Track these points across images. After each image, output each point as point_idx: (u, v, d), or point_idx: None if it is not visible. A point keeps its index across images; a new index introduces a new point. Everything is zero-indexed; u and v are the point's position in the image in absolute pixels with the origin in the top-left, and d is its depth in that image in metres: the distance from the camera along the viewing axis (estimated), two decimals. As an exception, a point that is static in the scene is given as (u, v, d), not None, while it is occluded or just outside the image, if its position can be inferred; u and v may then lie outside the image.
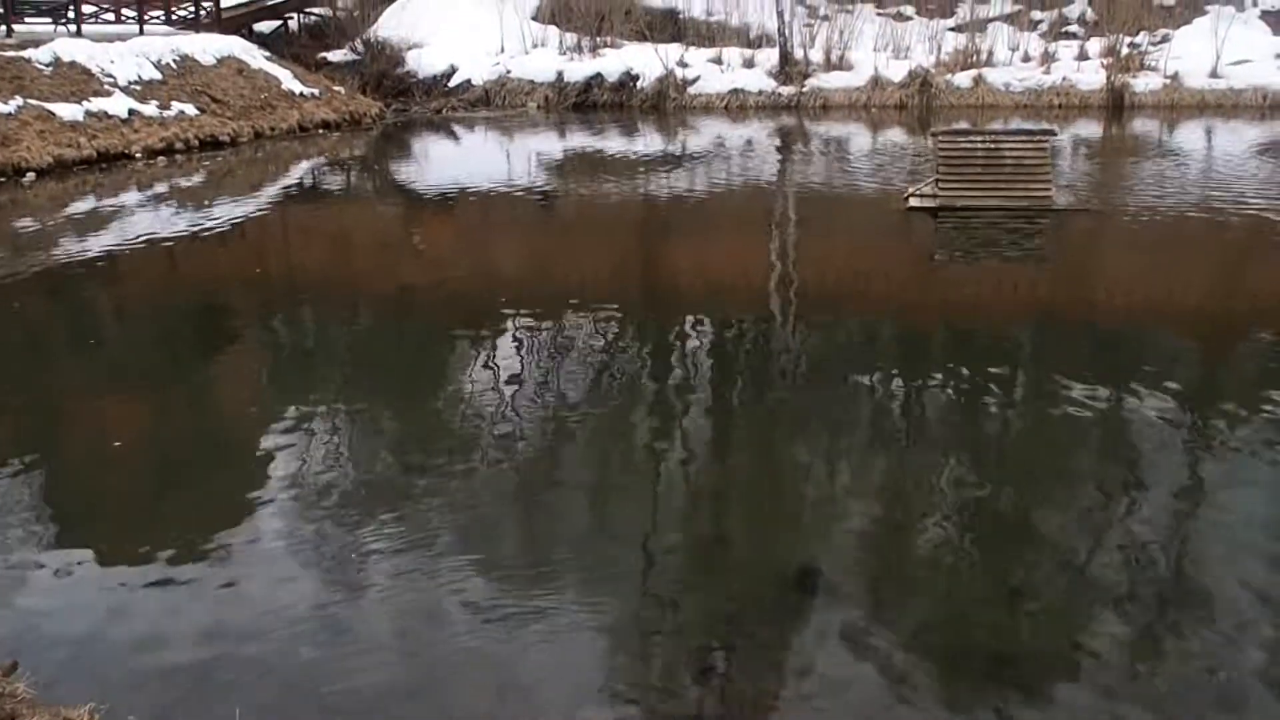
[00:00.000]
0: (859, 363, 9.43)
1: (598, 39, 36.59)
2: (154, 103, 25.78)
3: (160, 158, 23.95)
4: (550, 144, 27.23)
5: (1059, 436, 7.75)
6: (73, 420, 8.83)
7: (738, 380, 9.16)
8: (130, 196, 19.83)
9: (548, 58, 36.13)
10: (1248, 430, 7.68)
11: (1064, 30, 34.57)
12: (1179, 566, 5.91)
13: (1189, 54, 31.37)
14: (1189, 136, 25.29)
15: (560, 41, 36.78)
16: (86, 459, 7.90)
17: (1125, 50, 32.04)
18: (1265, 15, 33.46)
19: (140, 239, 15.91)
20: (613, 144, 26.33)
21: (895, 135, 26.97)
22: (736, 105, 33.12)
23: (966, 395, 8.55)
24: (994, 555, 6.12)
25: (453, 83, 36.05)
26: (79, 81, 24.83)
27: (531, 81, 35.37)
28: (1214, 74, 30.65)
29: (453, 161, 25.85)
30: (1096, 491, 6.86)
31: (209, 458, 7.80)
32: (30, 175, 20.92)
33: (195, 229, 16.67)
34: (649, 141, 26.65)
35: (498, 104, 34.96)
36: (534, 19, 37.83)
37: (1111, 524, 6.39)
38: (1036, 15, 35.30)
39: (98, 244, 15.51)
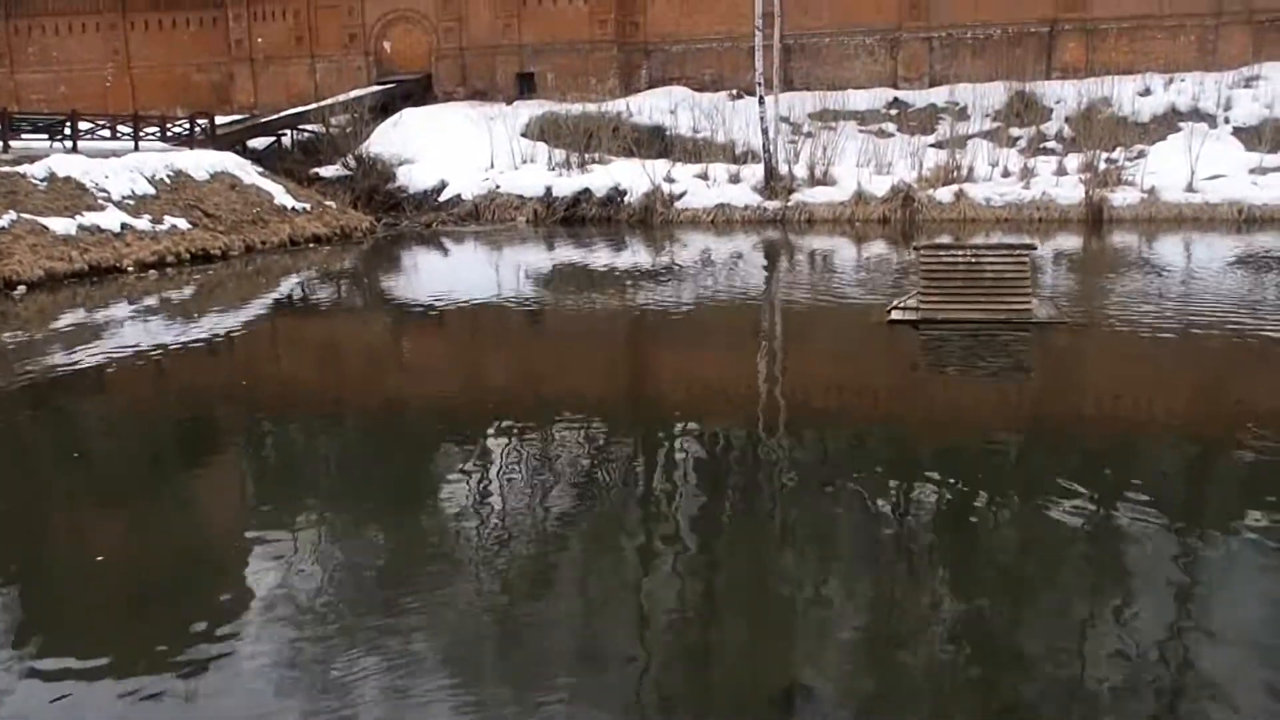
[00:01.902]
0: (844, 476, 9.44)
1: (586, 155, 37.27)
2: (146, 217, 26.11)
3: (152, 271, 24.19)
4: (539, 258, 27.55)
5: (1045, 552, 7.75)
6: (55, 534, 8.79)
7: (723, 493, 9.17)
8: (120, 309, 19.96)
9: (537, 173, 36.75)
10: (1235, 546, 7.69)
11: (1042, 146, 35.30)
12: (1172, 684, 5.88)
13: (1165, 169, 32.05)
14: (1167, 250, 25.69)
15: (549, 157, 37.46)
16: (68, 573, 7.84)
17: (1103, 166, 32.72)
18: (1237, 131, 34.25)
19: (128, 352, 15.98)
20: (600, 258, 26.64)
21: (879, 249, 27.36)
22: (723, 219, 33.62)
23: (951, 510, 8.57)
24: (982, 673, 6.09)
25: (443, 197, 36.60)
26: (73, 196, 25.18)
27: (520, 196, 35.92)
28: (1190, 188, 31.26)
29: (442, 275, 26.11)
30: (1086, 609, 6.83)
31: (191, 573, 7.75)
32: (21, 288, 21.08)
33: (183, 342, 16.76)
34: (636, 255, 26.97)
35: (487, 218, 35.44)
36: (523, 135, 38.59)
37: (1102, 642, 6.36)
38: (1015, 132, 36.07)
39: (85, 357, 15.57)
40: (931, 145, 36.00)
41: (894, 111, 38.58)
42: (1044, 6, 38.74)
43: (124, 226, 25.17)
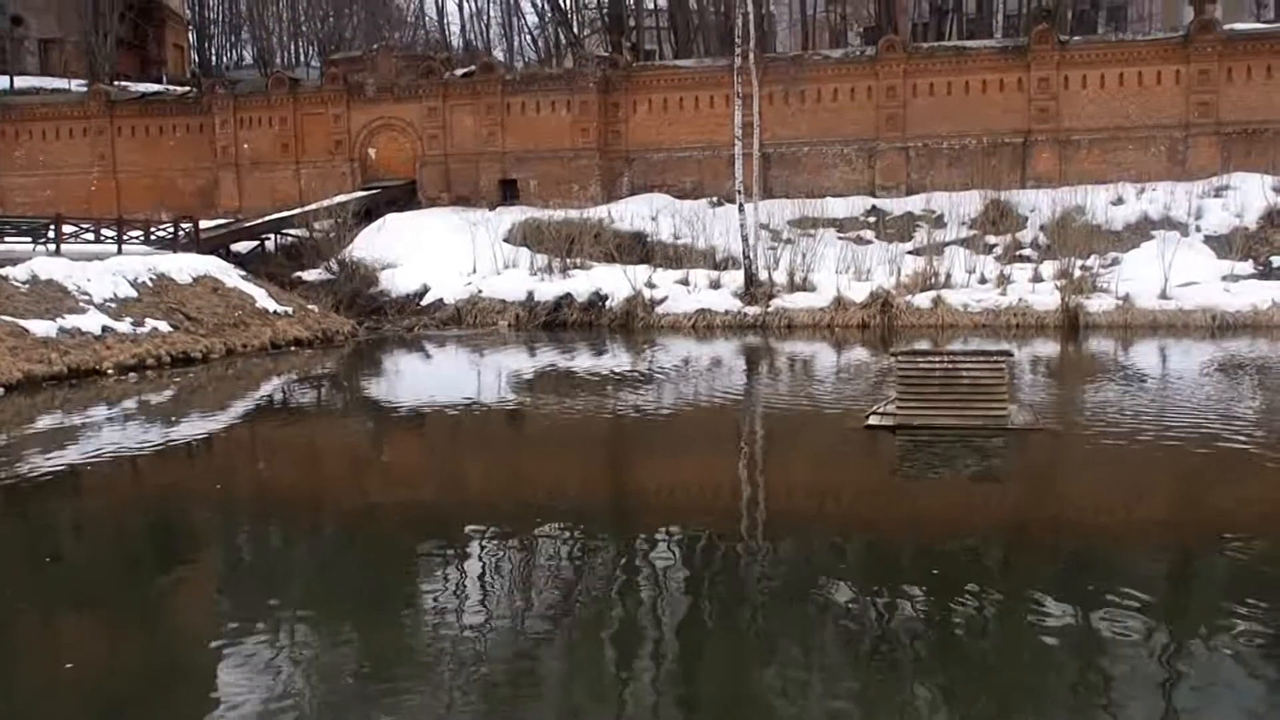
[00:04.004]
0: (824, 582, 9.39)
1: (568, 260, 37.61)
2: (128, 319, 26.14)
3: (132, 374, 24.12)
4: (520, 361, 27.60)
5: (1027, 659, 7.70)
6: (23, 639, 8.64)
7: (705, 601, 9.09)
8: (98, 412, 19.87)
9: (519, 278, 37.03)
10: (1212, 651, 7.67)
11: (1018, 253, 35.81)
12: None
13: (1139, 276, 32.49)
14: (1142, 356, 25.93)
15: (531, 262, 37.79)
16: (34, 680, 7.69)
17: (1077, 273, 33.16)
18: (1209, 240, 34.87)
19: (104, 455, 15.87)
20: (582, 362, 26.73)
21: (858, 354, 27.53)
22: (703, 325, 33.83)
23: (933, 617, 8.50)
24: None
25: (425, 301, 36.78)
26: (54, 299, 25.22)
27: (503, 301, 36.13)
28: (1163, 295, 31.66)
29: (423, 379, 26.13)
30: (1071, 715, 6.78)
31: (162, 681, 7.62)
32: (-2, 391, 20.99)
33: (160, 445, 16.67)
34: (617, 360, 27.07)
35: (469, 322, 35.59)
36: (506, 240, 38.96)
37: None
38: (991, 239, 36.63)
39: (60, 460, 15.46)
40: (909, 252, 36.47)
41: (872, 219, 39.17)
42: (1018, 118, 39.69)
43: (105, 329, 25.18)
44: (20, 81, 52.84)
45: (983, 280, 34.27)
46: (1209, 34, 38.21)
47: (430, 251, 38.28)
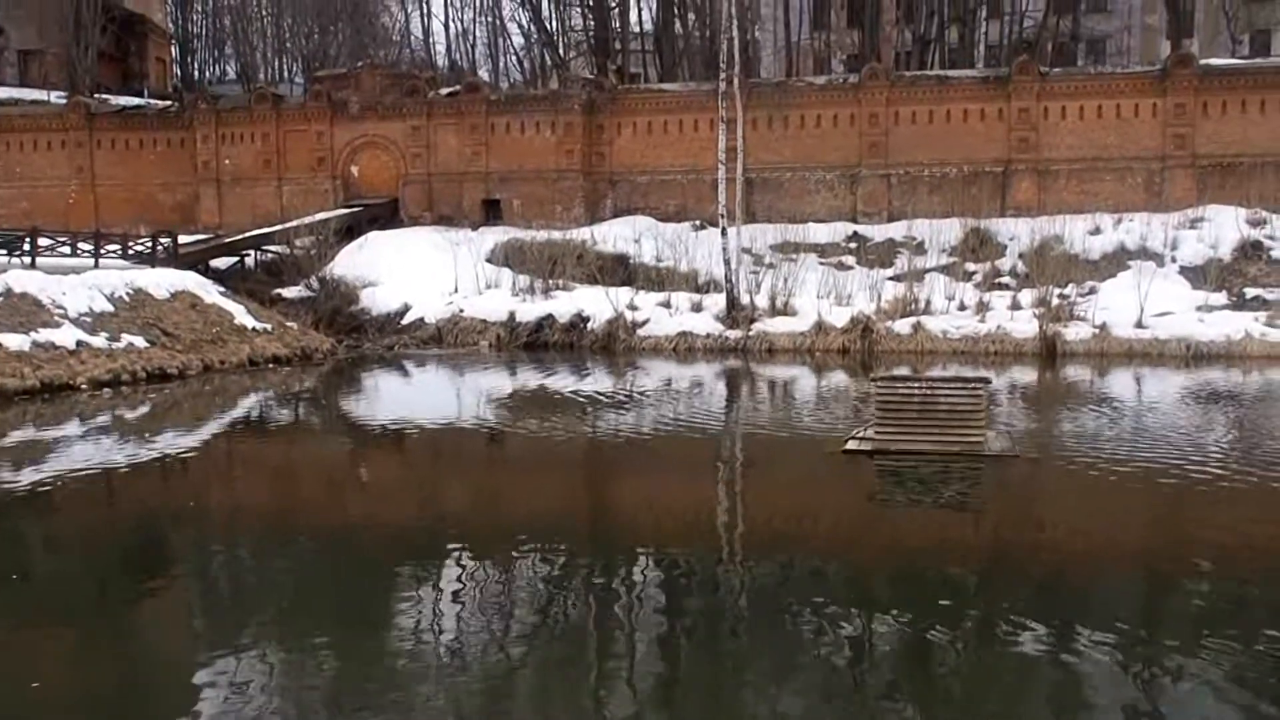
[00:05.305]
0: (801, 607, 9.36)
1: (550, 281, 37.59)
2: (104, 334, 25.98)
3: (107, 389, 23.94)
4: (501, 382, 27.55)
5: (1001, 684, 7.69)
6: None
7: (681, 623, 9.06)
8: (71, 427, 19.72)
9: (500, 298, 36.98)
10: (1187, 674, 7.68)
11: (997, 281, 35.99)
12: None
13: (1115, 306, 32.72)
14: (1119, 384, 26.06)
15: (513, 283, 37.75)
16: (0, 700, 7.60)
17: (1055, 301, 33.35)
18: (1184, 270, 35.14)
19: (75, 471, 15.73)
20: (563, 383, 26.67)
21: (838, 379, 27.59)
22: (685, 347, 33.84)
23: (908, 641, 8.50)
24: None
25: (406, 320, 36.68)
26: (28, 312, 25.03)
27: (484, 321, 36.05)
28: (1139, 325, 31.88)
29: (402, 398, 26.03)
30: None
31: (131, 700, 7.53)
32: (-30, 405, 20.80)
33: (133, 462, 16.54)
34: (598, 381, 27.01)
35: (450, 342, 35.50)
36: (488, 261, 38.93)
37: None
38: (971, 267, 36.78)
39: (31, 476, 15.30)
40: (890, 278, 36.61)
41: (853, 245, 39.31)
42: (998, 147, 39.96)
43: (79, 344, 24.99)
44: (-1, 93, 52.65)
45: (962, 307, 34.43)
46: (1186, 69, 38.64)
47: (412, 270, 38.22)
